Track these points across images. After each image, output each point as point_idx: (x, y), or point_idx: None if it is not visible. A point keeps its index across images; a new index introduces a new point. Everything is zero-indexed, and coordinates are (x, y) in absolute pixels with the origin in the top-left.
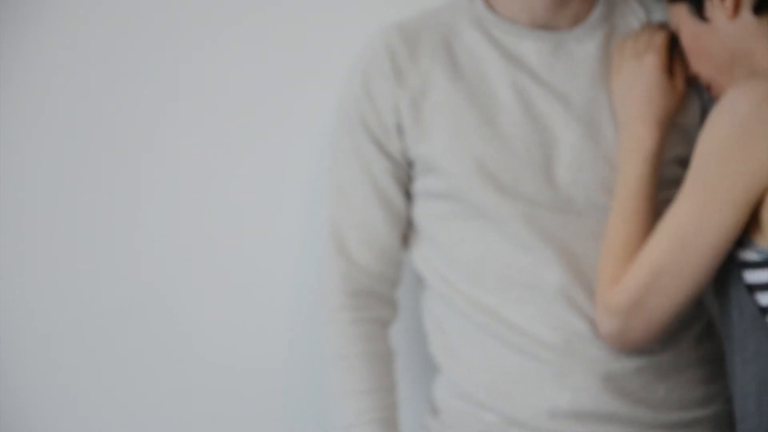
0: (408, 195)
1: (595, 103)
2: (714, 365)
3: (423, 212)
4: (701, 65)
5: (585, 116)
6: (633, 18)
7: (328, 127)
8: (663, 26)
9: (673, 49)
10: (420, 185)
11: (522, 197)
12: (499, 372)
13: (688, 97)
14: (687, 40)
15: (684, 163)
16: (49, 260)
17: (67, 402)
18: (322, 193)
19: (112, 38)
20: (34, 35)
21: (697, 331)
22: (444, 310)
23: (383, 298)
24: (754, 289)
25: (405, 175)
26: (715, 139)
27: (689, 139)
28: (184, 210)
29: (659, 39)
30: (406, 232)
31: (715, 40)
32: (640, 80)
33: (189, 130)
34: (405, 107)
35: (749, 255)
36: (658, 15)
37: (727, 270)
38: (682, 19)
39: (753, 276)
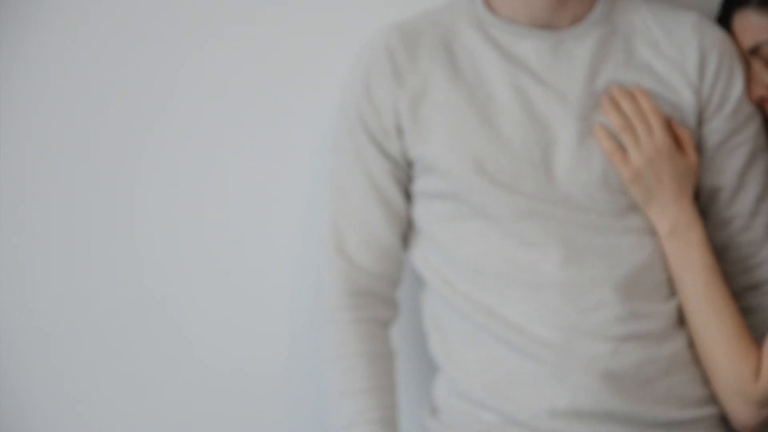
0: (408, 195)
1: (591, 98)
2: None
3: (423, 212)
4: None
5: (582, 112)
6: (635, 15)
7: (328, 127)
8: (637, 94)
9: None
10: (420, 185)
11: (522, 194)
12: (498, 372)
13: (684, 98)
14: None
15: None
16: (49, 260)
17: (68, 403)
18: (322, 193)
19: (112, 37)
20: (34, 35)
21: None
22: (443, 309)
23: (383, 298)
24: None
25: (405, 176)
26: None
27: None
28: (185, 211)
29: (655, 117)
30: (406, 232)
31: None
32: (664, 167)
33: (189, 130)
34: (404, 108)
35: None
36: (664, 11)
37: None
38: None
39: None
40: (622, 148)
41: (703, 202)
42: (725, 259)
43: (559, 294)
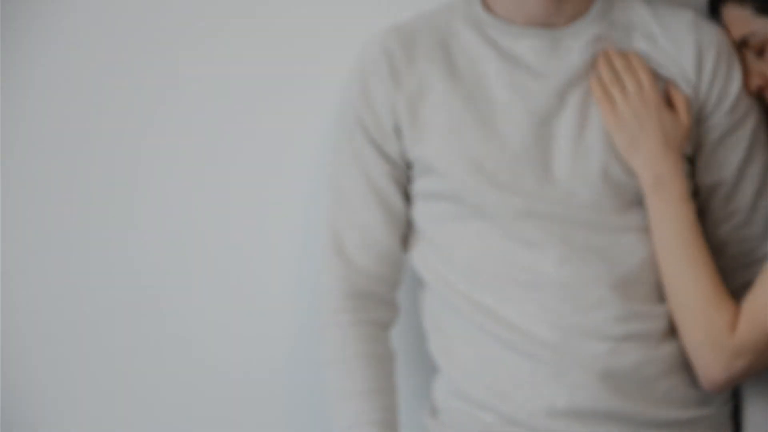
0: (407, 197)
1: (586, 92)
2: None
3: (422, 213)
4: None
5: (580, 106)
6: (633, 13)
7: (327, 129)
8: (631, 56)
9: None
10: (419, 186)
11: (521, 194)
12: (497, 371)
13: (681, 90)
14: None
15: (689, 159)
16: (48, 261)
17: (67, 403)
18: (322, 195)
19: (111, 36)
20: (34, 35)
21: None
22: (443, 310)
23: (383, 300)
24: None
25: (404, 177)
26: None
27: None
28: (184, 212)
29: (646, 75)
30: (406, 234)
31: None
32: (650, 118)
33: (188, 130)
34: (402, 109)
35: None
36: (661, 9)
37: None
38: None
39: None
40: (612, 99)
41: (703, 199)
42: (725, 256)
43: (558, 293)
